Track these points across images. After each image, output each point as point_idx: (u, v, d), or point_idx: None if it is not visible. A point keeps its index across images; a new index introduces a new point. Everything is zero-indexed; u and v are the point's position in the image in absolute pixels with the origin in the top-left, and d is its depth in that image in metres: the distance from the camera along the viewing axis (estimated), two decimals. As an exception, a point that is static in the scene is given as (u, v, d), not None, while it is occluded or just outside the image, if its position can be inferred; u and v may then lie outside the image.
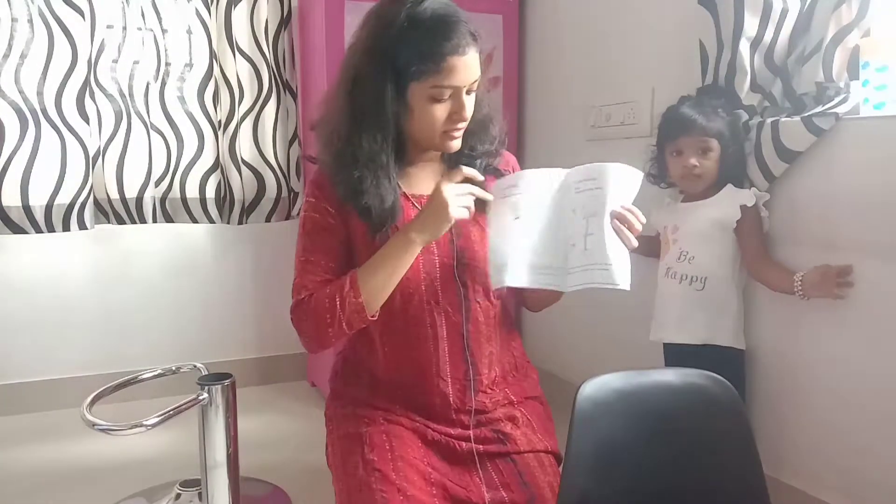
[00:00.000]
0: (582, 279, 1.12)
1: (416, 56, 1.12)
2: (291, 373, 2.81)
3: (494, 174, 1.32)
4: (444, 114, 1.17)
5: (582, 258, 1.12)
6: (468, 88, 1.17)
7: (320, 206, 1.24)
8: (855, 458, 1.53)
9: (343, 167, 1.20)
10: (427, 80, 1.13)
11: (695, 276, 1.64)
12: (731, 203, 1.61)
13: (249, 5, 2.48)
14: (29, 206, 2.25)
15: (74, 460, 2.08)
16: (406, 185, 1.28)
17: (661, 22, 2.00)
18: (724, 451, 1.06)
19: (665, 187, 1.76)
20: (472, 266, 1.26)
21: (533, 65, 2.62)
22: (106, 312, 2.56)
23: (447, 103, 1.17)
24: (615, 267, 1.10)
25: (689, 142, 1.62)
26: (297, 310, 1.21)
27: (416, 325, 1.24)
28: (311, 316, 1.18)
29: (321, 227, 1.24)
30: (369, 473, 1.14)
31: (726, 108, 1.63)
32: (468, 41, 1.13)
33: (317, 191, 1.26)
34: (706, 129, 1.60)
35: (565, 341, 2.46)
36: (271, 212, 2.59)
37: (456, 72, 1.13)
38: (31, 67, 2.23)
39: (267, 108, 2.54)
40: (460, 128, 1.21)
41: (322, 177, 1.26)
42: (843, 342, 1.53)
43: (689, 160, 1.61)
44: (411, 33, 1.12)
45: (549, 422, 1.36)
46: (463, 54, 1.13)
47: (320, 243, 1.24)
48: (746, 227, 1.60)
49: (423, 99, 1.16)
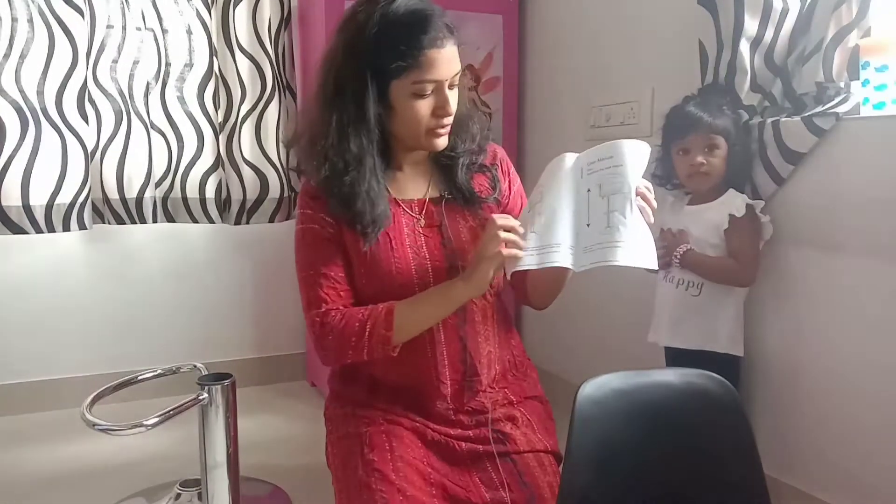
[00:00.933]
0: (602, 256, 1.08)
1: (395, 53, 1.12)
2: (291, 373, 2.81)
3: (481, 171, 1.32)
4: (428, 110, 1.17)
5: (604, 235, 1.09)
6: (450, 82, 1.17)
7: (317, 217, 1.24)
8: (855, 458, 1.53)
9: (335, 176, 1.18)
10: (408, 75, 1.13)
11: (691, 281, 1.63)
12: (726, 210, 1.60)
13: (250, 5, 2.47)
14: (29, 206, 2.25)
15: (74, 460, 2.08)
16: (395, 190, 1.27)
17: (661, 22, 2.00)
18: (724, 451, 1.06)
19: (671, 188, 1.75)
20: (465, 268, 1.25)
21: (533, 65, 2.62)
22: (106, 312, 2.56)
23: (430, 99, 1.16)
24: (644, 246, 1.08)
25: (695, 140, 1.61)
26: (319, 323, 1.20)
27: None
28: (338, 334, 1.18)
29: (323, 238, 1.23)
30: (369, 474, 1.14)
31: (731, 106, 1.63)
32: (445, 34, 1.13)
33: (311, 201, 1.25)
34: (713, 127, 1.59)
35: (565, 341, 2.46)
36: (274, 212, 2.59)
37: (436, 65, 1.13)
38: (32, 67, 2.23)
39: (270, 108, 2.54)
40: (445, 124, 1.20)
41: (314, 187, 1.24)
42: (843, 342, 1.53)
43: (696, 158, 1.60)
44: (387, 31, 1.12)
45: (550, 421, 1.36)
46: (441, 47, 1.13)
47: (326, 255, 1.23)
48: (734, 235, 1.59)
49: (405, 96, 1.15)
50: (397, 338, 1.17)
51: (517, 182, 1.39)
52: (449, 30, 1.15)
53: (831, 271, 1.54)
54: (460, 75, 1.20)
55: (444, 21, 1.15)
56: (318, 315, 1.21)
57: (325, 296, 1.21)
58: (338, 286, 1.22)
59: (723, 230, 1.60)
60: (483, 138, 1.32)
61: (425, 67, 1.13)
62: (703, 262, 1.61)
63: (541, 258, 1.12)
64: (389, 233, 1.23)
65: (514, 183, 1.38)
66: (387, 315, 1.16)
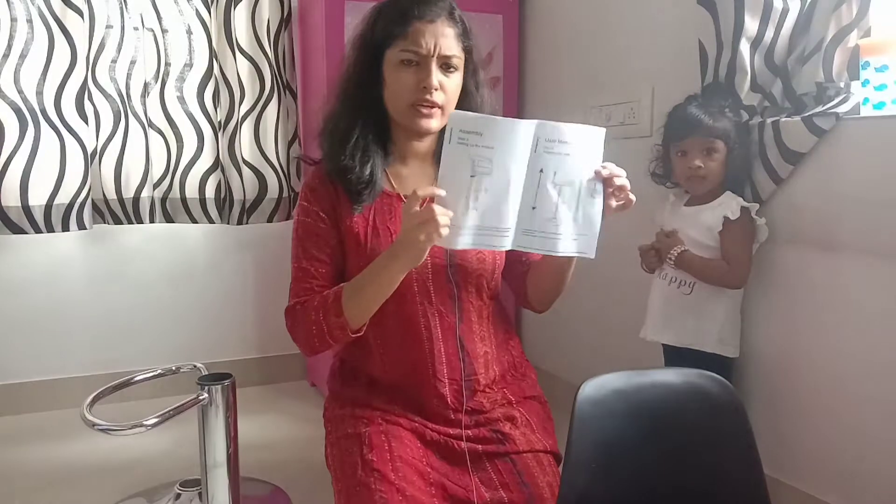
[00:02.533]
0: (541, 245, 1.12)
1: (388, 24, 1.20)
2: (291, 373, 2.81)
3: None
4: (412, 82, 1.19)
5: (547, 225, 1.11)
6: (441, 61, 1.19)
7: (311, 210, 1.26)
8: (855, 458, 1.53)
9: (335, 144, 1.24)
10: (396, 44, 1.19)
11: (683, 280, 1.63)
12: (723, 212, 1.60)
13: (250, 5, 2.47)
14: (28, 206, 2.25)
15: (74, 460, 2.08)
16: (399, 185, 1.29)
17: (661, 22, 2.00)
18: (724, 451, 1.06)
19: (671, 187, 1.76)
20: (464, 266, 1.26)
21: (533, 65, 2.62)
22: (106, 312, 2.56)
23: (414, 71, 1.19)
24: (585, 237, 1.13)
25: (694, 142, 1.60)
26: (288, 317, 1.25)
27: (410, 326, 1.25)
28: (300, 325, 1.22)
29: (313, 232, 1.25)
30: (368, 474, 1.14)
31: (733, 108, 1.63)
32: (440, 13, 1.19)
33: (309, 193, 1.27)
34: (712, 130, 1.58)
35: (565, 341, 2.46)
36: (273, 212, 2.59)
37: (421, 36, 1.17)
38: (31, 67, 2.23)
39: (269, 108, 2.54)
40: (429, 100, 1.19)
41: (315, 178, 1.28)
42: (842, 342, 1.53)
43: (693, 161, 1.60)
44: (387, 8, 1.22)
45: (549, 421, 1.36)
46: (430, 21, 1.18)
47: (312, 249, 1.25)
48: (727, 238, 1.59)
49: (393, 65, 1.20)
50: (354, 321, 1.17)
51: None
52: (449, 13, 1.20)
53: (831, 271, 1.54)
54: (475, 74, 1.26)
55: (448, 4, 1.21)
56: (287, 309, 1.25)
57: (299, 289, 1.25)
58: (313, 281, 1.24)
59: (717, 231, 1.60)
60: None
61: (411, 37, 1.18)
62: (695, 263, 1.61)
63: (479, 240, 1.09)
64: (390, 227, 1.24)
65: None
66: (334, 301, 1.17)
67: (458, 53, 1.21)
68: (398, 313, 1.24)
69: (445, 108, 1.22)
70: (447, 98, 1.22)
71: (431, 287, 1.24)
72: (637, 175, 1.92)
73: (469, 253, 1.25)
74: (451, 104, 1.23)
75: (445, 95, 1.21)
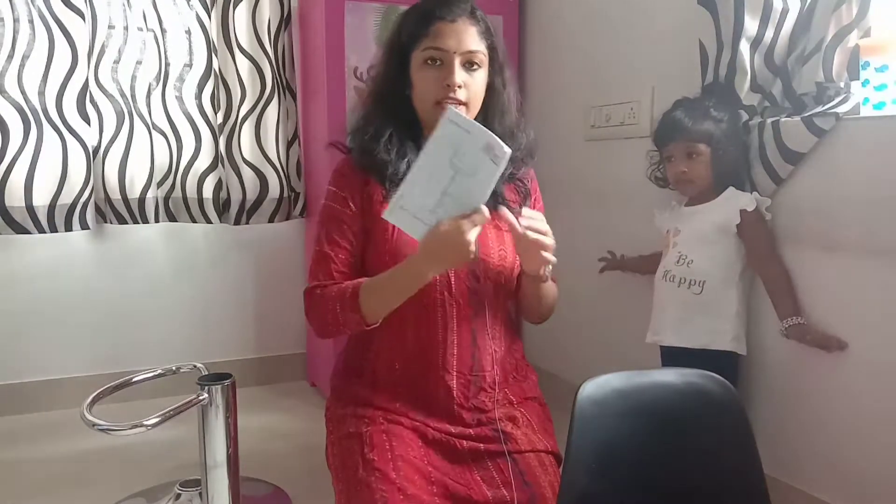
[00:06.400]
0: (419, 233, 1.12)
1: (413, 26, 1.24)
2: (291, 373, 2.81)
3: (514, 182, 1.33)
4: (436, 80, 1.21)
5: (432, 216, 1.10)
6: (464, 59, 1.22)
7: (339, 196, 1.28)
8: (856, 459, 1.53)
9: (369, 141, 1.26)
10: (420, 44, 1.23)
11: (693, 279, 1.63)
12: (732, 207, 1.60)
13: (250, 5, 2.48)
14: (32, 207, 2.25)
15: (74, 460, 2.08)
16: None
17: (661, 22, 2.00)
18: (724, 451, 1.06)
19: (673, 189, 1.77)
20: (487, 261, 1.26)
21: (533, 65, 2.63)
22: (106, 312, 2.56)
23: (439, 69, 1.22)
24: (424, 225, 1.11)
25: (676, 147, 1.63)
26: (307, 298, 1.26)
27: (427, 313, 1.25)
28: (318, 310, 1.24)
29: (338, 217, 1.27)
30: (369, 473, 1.14)
31: (718, 107, 1.63)
32: (460, 13, 1.23)
33: (339, 179, 1.29)
34: (692, 134, 1.60)
35: (565, 341, 2.46)
36: (274, 212, 2.59)
37: (443, 35, 1.21)
38: (33, 68, 2.23)
39: (269, 108, 2.54)
40: (452, 98, 1.21)
41: (346, 165, 1.30)
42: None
43: (678, 166, 1.62)
44: (412, 11, 1.27)
45: (549, 422, 1.36)
46: (452, 21, 1.21)
47: (334, 234, 1.27)
48: (749, 231, 1.60)
49: (418, 65, 1.23)
50: (369, 315, 1.18)
51: (540, 203, 1.41)
52: (470, 12, 1.24)
53: (831, 271, 1.54)
54: (501, 71, 1.28)
55: (469, 4, 1.25)
56: (307, 290, 1.26)
57: (318, 272, 1.26)
58: (334, 266, 1.25)
59: (725, 228, 1.60)
60: (527, 152, 1.33)
61: (433, 36, 1.21)
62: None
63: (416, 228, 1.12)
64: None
65: (538, 203, 1.40)
66: (353, 295, 1.18)
67: (481, 49, 1.24)
68: (417, 298, 1.22)
69: (470, 106, 1.24)
70: (471, 95, 1.23)
71: (452, 276, 1.25)
72: (637, 175, 1.93)
73: (492, 249, 1.27)
74: (476, 101, 1.25)
75: (469, 93, 1.23)
